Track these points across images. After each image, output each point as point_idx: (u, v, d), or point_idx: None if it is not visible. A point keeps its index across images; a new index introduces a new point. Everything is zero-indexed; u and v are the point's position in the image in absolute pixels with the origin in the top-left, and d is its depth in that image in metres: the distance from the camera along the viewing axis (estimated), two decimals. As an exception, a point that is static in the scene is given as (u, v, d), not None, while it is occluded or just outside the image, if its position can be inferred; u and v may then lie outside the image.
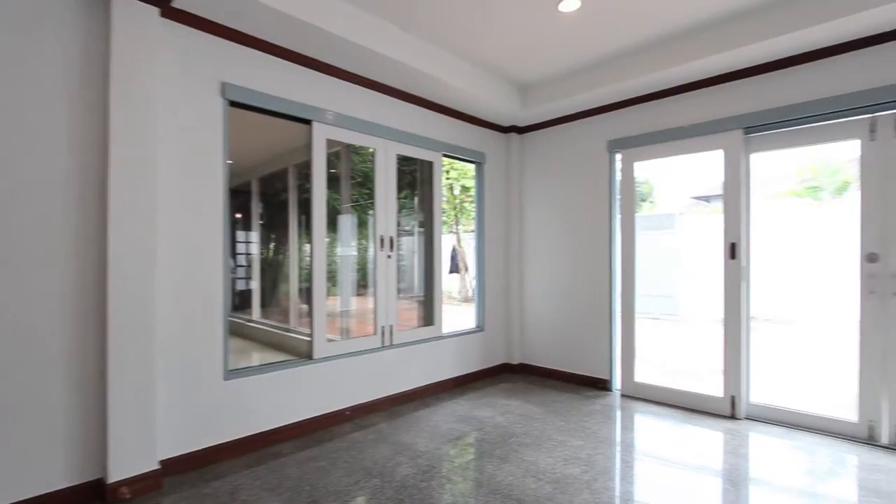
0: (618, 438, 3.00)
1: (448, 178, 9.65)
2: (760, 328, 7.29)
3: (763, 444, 2.88)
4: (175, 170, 2.50)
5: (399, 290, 3.80)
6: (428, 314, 4.04)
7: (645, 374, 3.93)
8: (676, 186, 12.75)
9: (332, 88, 3.21)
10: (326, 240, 3.30)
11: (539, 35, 3.19)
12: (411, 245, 4.42)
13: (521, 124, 4.53)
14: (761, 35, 2.82)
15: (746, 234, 3.28)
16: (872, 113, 2.78)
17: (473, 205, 4.62)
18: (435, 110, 3.94)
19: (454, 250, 11.05)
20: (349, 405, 3.30)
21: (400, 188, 3.79)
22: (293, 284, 4.57)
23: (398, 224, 3.80)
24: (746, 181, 3.29)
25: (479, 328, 4.42)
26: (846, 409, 3.03)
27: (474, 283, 4.60)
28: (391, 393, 3.58)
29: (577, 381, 4.16)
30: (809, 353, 5.79)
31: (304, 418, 3.04)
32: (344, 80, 3.27)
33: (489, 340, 4.46)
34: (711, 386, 3.53)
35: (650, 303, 8.56)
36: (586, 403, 3.64)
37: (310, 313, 3.14)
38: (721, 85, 3.32)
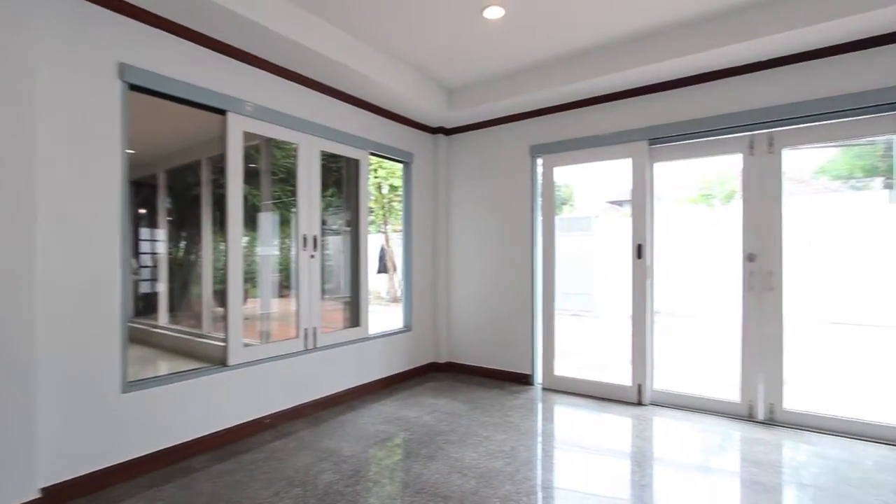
0: (539, 430, 3.15)
1: (376, 177, 9.53)
2: (664, 322, 8.05)
3: (664, 426, 3.18)
4: (62, 159, 2.22)
5: (325, 291, 3.69)
6: (354, 315, 3.95)
7: (564, 367, 4.16)
8: (594, 191, 13.66)
9: (251, 78, 3.03)
10: (246, 238, 3.12)
11: (465, 39, 3.25)
12: (338, 245, 4.30)
13: (449, 126, 4.59)
14: (665, 55, 3.10)
15: (651, 237, 3.60)
16: (751, 131, 3.18)
17: (402, 204, 4.61)
18: (362, 108, 3.87)
19: (382, 250, 10.94)
20: (269, 413, 3.14)
21: (326, 186, 3.68)
22: (207, 286, 4.25)
23: (324, 223, 3.68)
24: (651, 188, 3.60)
25: (407, 328, 4.41)
26: (731, 391, 3.42)
27: (402, 282, 4.58)
28: (315, 398, 3.46)
29: (501, 377, 4.30)
30: (704, 342, 6.49)
31: (218, 429, 2.84)
32: (266, 70, 3.10)
33: (417, 340, 4.47)
34: (621, 376, 3.82)
35: (570, 300, 9.09)
36: (510, 398, 3.78)
37: (225, 317, 2.94)
38: (630, 99, 3.61)
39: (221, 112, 2.90)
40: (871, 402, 3.63)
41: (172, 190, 4.59)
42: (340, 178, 4.07)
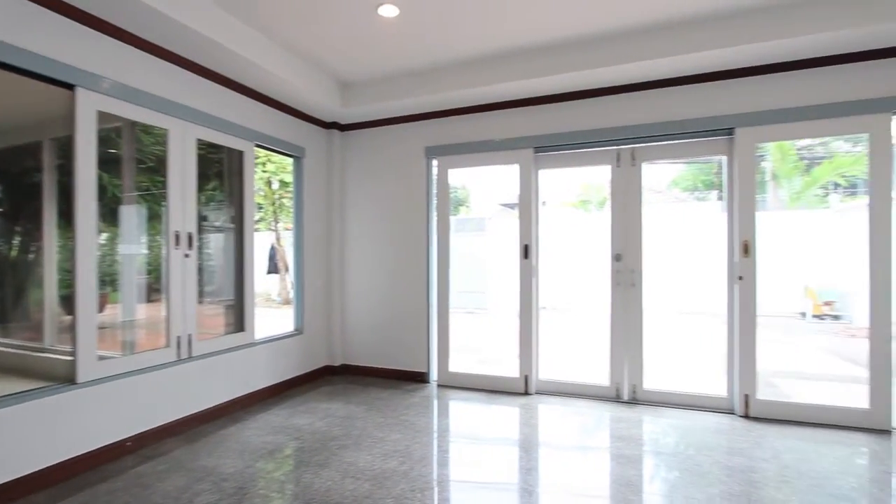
0: (434, 426, 3.21)
1: (265, 171, 8.93)
2: (549, 316, 8.74)
3: (548, 412, 3.45)
4: None
5: (205, 294, 3.35)
6: (238, 319, 3.65)
7: (459, 363, 4.29)
8: (489, 193, 14.35)
9: (110, 52, 2.63)
10: (105, 235, 2.69)
11: (361, 35, 3.19)
12: (221, 243, 3.93)
13: (344, 122, 4.47)
14: (550, 70, 3.36)
15: (536, 238, 3.87)
16: (618, 146, 3.60)
17: (293, 201, 4.37)
18: (248, 96, 3.59)
19: (273, 249, 10.27)
20: (132, 434, 2.76)
21: (206, 178, 3.34)
22: (50, 291, 3.59)
23: (204, 219, 3.35)
24: (536, 193, 3.88)
25: (298, 331, 4.20)
26: (602, 376, 3.83)
27: (293, 283, 4.34)
28: (192, 412, 3.12)
29: (397, 376, 4.30)
30: (582, 334, 7.17)
31: (66, 459, 2.42)
32: (129, 44, 2.72)
33: (309, 343, 4.28)
34: (510, 368, 4.06)
35: (465, 299, 9.44)
36: (406, 397, 3.79)
37: (73, 326, 2.51)
38: (519, 108, 3.85)
39: (69, 87, 2.48)
40: (708, 377, 4.32)
41: (4, 176, 3.81)
42: (222, 171, 3.73)
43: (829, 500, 2.19)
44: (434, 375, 4.22)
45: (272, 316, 8.76)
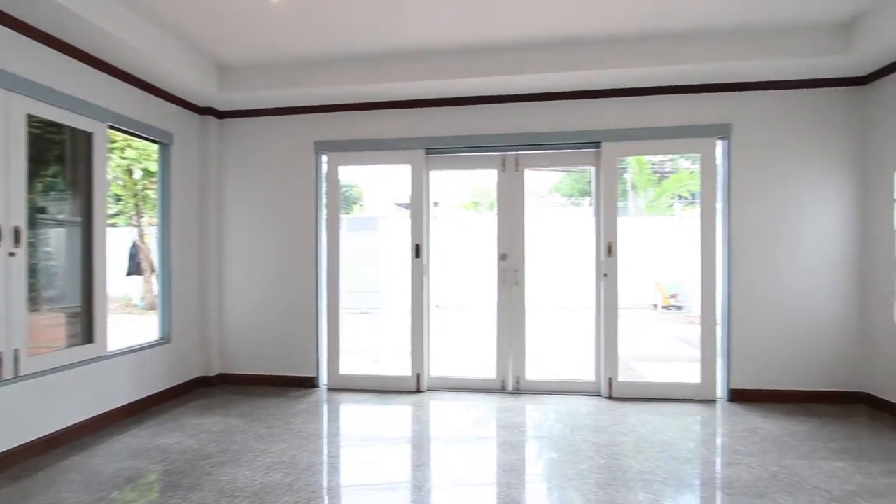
0: (323, 432, 3.09)
1: (125, 158, 7.79)
2: (442, 314, 8.96)
3: (439, 408, 3.53)
4: None
5: (41, 301, 2.81)
6: (86, 329, 3.12)
7: (350, 365, 4.19)
8: (383, 192, 14.23)
9: None
10: None
11: (243, 15, 2.94)
12: (65, 240, 3.31)
13: (222, 108, 4.08)
14: (440, 75, 3.44)
15: (427, 237, 3.94)
16: (504, 152, 3.82)
17: (158, 193, 3.86)
18: (98, 68, 3.09)
19: (135, 247, 8.98)
20: (-70, 478, 2.20)
21: (43, 163, 2.80)
22: None
23: (40, 210, 2.82)
24: (427, 193, 3.94)
25: (165, 339, 3.73)
26: (489, 369, 4.03)
27: (159, 286, 3.85)
28: (19, 443, 2.59)
29: (284, 383, 4.05)
30: (472, 330, 7.47)
31: None
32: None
33: (179, 353, 3.83)
34: (403, 368, 4.07)
35: (358, 298, 9.24)
36: (293, 404, 3.59)
37: None
38: (411, 109, 3.87)
39: None
40: (581, 365, 4.79)
41: None
42: (65, 154, 3.16)
43: (673, 462, 2.57)
44: (324, 379, 4.06)
45: (134, 324, 7.68)
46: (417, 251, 3.87)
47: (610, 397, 3.66)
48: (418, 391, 3.86)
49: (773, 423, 3.14)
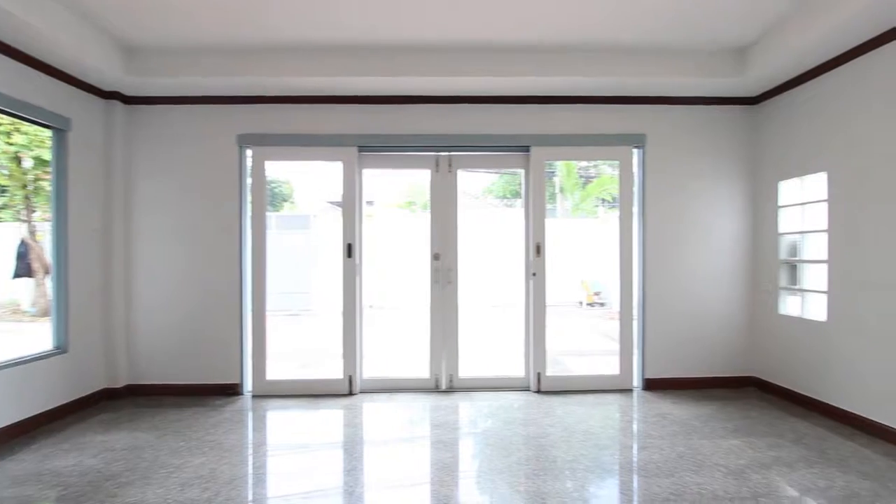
0: (247, 442, 2.92)
1: (11, 144, 6.86)
2: (375, 315, 8.85)
3: (372, 410, 3.47)
4: None
5: None
6: (-42, 341, 2.70)
7: (278, 370, 4.00)
8: (315, 189, 13.74)
9: None
10: None
11: (154, -7, 2.70)
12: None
13: (129, 93, 3.71)
14: (376, 72, 3.38)
15: (360, 237, 3.86)
16: (437, 152, 3.85)
17: (52, 184, 3.43)
18: (-26, 40, 2.68)
19: (24, 245, 7.93)
20: None
21: None
22: None
23: None
24: (360, 191, 3.87)
25: (60, 349, 3.33)
26: (423, 369, 4.04)
27: (54, 289, 3.42)
28: None
29: (203, 392, 3.78)
30: (406, 330, 7.44)
31: None
32: None
33: (78, 363, 3.43)
34: (334, 370, 3.96)
35: (288, 300, 8.86)
36: (213, 414, 3.36)
37: None
38: (344, 105, 3.78)
39: None
40: (512, 361, 4.95)
41: None
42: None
43: (595, 449, 2.73)
44: (249, 386, 3.84)
45: (23, 332, 6.80)
46: (349, 251, 3.79)
47: (539, 391, 3.82)
48: (351, 394, 3.78)
49: (680, 408, 3.44)
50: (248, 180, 3.85)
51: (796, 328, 3.50)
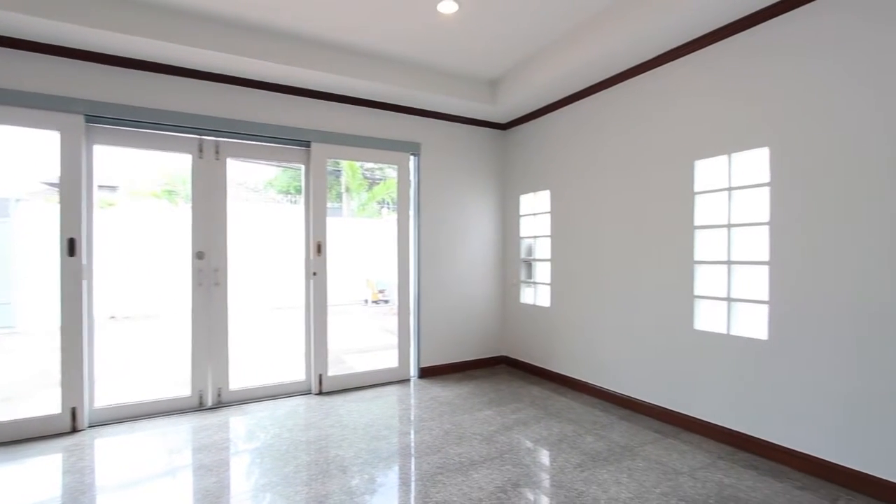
0: None
1: None
2: (118, 328, 7.16)
3: (110, 447, 2.78)
4: None
5: None
6: None
7: (-58, 417, 2.82)
8: (19, 166, 10.24)
9: None
10: None
11: None
12: None
13: None
14: (104, 24, 2.71)
15: (89, 230, 3.06)
16: (201, 135, 3.35)
17: None
18: None
19: None
20: None
21: None
22: None
23: None
24: (89, 171, 3.06)
25: None
26: (183, 385, 3.47)
27: None
28: None
29: None
30: (163, 342, 6.26)
31: None
32: None
33: None
34: (49, 404, 3.03)
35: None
36: None
37: None
38: (65, 59, 2.92)
39: None
40: (292, 365, 4.71)
41: None
42: None
43: (374, 441, 2.82)
44: None
45: None
46: (72, 247, 2.95)
47: (321, 393, 3.74)
48: (75, 431, 2.96)
49: (447, 390, 3.87)
50: None
51: (532, 313, 4.37)
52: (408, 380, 4.16)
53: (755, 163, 2.63)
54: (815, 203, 2.33)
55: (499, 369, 4.55)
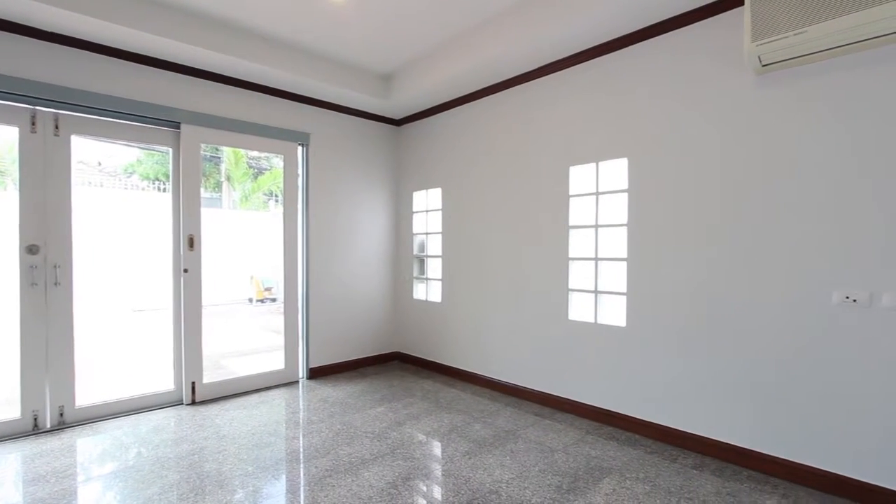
0: None
1: None
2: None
3: None
4: None
5: None
6: None
7: None
8: None
9: None
10: None
11: None
12: None
13: None
14: None
15: None
16: (34, 105, 2.79)
17: None
18: None
19: None
20: None
21: None
22: None
23: None
24: None
25: None
26: (9, 407, 2.88)
27: None
28: None
29: None
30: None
31: None
32: None
33: None
34: None
35: None
36: None
37: None
38: None
39: None
40: (158, 373, 4.18)
41: None
42: None
43: (256, 450, 2.62)
44: None
45: None
46: None
47: (194, 402, 3.38)
48: None
49: (338, 389, 3.76)
50: None
51: (424, 308, 4.43)
52: (296, 382, 3.96)
53: (618, 171, 2.98)
54: (662, 208, 2.72)
55: (392, 365, 4.55)
